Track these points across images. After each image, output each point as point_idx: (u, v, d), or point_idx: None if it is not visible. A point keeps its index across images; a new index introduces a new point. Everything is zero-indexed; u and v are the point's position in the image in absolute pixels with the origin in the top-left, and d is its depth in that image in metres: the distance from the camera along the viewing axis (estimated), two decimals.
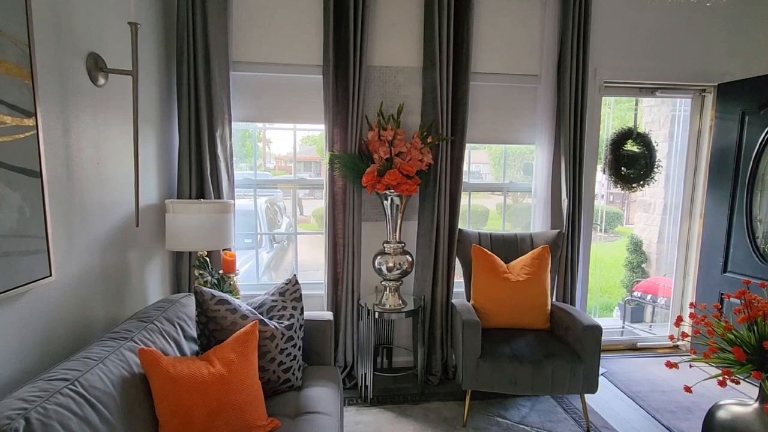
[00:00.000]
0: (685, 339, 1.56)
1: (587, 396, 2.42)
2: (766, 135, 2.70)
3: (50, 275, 1.39)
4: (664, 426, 2.30)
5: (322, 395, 1.70)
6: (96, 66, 1.68)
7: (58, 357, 1.47)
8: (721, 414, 1.55)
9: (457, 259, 2.73)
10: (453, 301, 2.63)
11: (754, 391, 1.55)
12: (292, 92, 2.67)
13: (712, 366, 1.53)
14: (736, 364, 1.45)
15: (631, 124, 3.20)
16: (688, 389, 1.50)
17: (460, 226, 2.73)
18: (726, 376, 1.45)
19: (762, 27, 3.01)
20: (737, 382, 1.42)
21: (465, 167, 2.71)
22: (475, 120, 2.79)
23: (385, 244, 2.54)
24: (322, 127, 2.59)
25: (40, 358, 1.39)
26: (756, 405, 1.52)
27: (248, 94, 2.63)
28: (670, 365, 1.52)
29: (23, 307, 1.32)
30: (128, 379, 1.26)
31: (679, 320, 1.63)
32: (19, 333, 1.31)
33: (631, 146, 3.16)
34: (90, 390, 1.13)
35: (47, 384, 1.09)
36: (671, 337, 1.65)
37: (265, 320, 1.70)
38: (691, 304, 1.68)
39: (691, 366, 1.55)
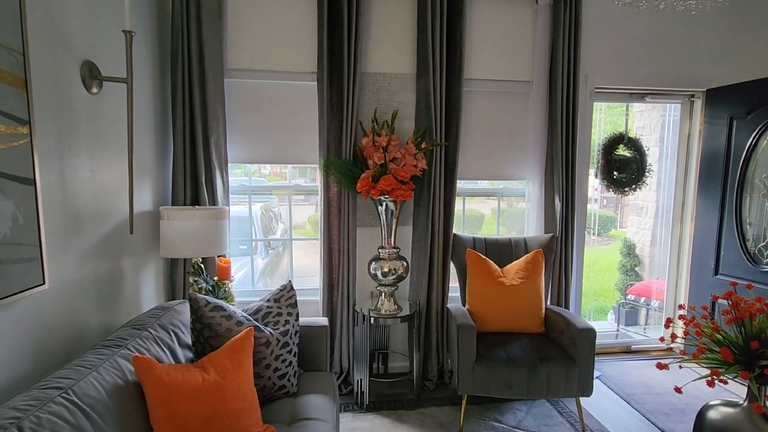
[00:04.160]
0: (675, 341, 1.58)
1: (582, 399, 2.43)
2: (753, 139, 2.75)
3: (44, 283, 1.39)
4: (658, 428, 2.32)
5: (318, 401, 1.70)
6: (90, 74, 1.69)
7: (51, 365, 1.46)
8: (712, 414, 1.57)
9: (452, 264, 2.74)
10: (448, 305, 2.64)
11: (745, 391, 1.57)
12: (287, 130, 2.68)
13: (703, 367, 1.55)
14: (724, 364, 1.47)
15: (622, 129, 3.24)
16: (678, 390, 1.52)
17: (454, 230, 2.75)
18: (714, 377, 1.47)
19: (748, 33, 3.06)
20: (725, 382, 1.45)
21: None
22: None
23: (380, 250, 2.55)
24: (316, 165, 2.61)
25: (33, 367, 1.38)
26: (745, 404, 1.54)
27: (244, 134, 2.63)
28: (660, 366, 1.54)
29: (16, 316, 1.32)
30: (122, 387, 1.26)
31: (669, 322, 1.65)
32: (12, 341, 1.31)
33: (622, 151, 3.20)
34: (84, 398, 1.13)
35: (40, 392, 1.08)
36: (661, 339, 1.67)
37: (261, 326, 1.70)
38: (680, 306, 1.70)
39: (681, 367, 1.57)
